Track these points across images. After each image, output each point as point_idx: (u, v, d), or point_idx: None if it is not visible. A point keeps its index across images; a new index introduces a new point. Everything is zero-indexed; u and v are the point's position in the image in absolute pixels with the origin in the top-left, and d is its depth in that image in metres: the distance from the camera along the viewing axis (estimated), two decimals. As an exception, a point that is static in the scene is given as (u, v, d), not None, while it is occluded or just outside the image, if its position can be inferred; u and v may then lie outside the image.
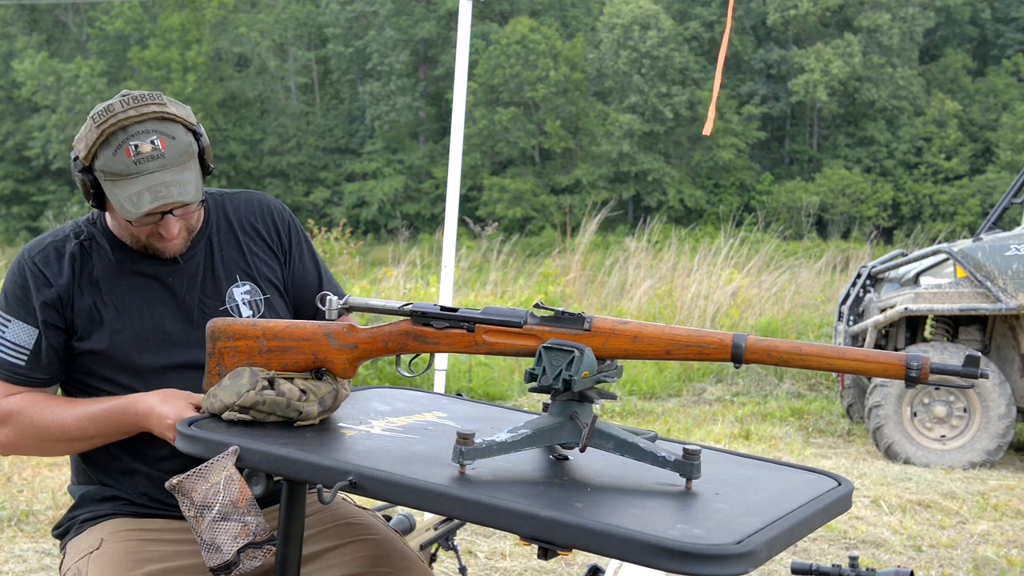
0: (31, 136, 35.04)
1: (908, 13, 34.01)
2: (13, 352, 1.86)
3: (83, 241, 1.92)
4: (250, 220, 2.05)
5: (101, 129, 1.77)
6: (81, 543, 1.85)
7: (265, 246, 2.04)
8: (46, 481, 4.64)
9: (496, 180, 32.97)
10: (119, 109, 1.78)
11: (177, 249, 1.92)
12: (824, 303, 9.92)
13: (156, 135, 1.78)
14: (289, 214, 2.11)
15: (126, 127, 1.77)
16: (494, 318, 1.59)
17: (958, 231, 21.09)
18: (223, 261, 1.98)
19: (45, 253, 1.90)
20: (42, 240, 1.94)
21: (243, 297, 1.98)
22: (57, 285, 1.87)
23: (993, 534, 4.43)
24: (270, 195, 2.15)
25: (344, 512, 1.96)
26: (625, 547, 1.22)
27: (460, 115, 3.98)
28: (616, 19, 34.07)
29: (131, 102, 1.79)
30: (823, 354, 1.44)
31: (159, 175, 1.78)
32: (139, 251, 1.93)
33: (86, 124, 1.80)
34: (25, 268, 1.89)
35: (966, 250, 5.72)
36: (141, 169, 1.77)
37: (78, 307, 1.88)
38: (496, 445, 1.45)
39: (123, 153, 1.76)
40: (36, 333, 1.86)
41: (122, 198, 1.78)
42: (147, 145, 1.77)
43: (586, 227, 9.89)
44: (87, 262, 1.91)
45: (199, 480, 1.50)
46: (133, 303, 1.89)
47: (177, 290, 1.93)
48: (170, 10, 36.72)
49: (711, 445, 5.47)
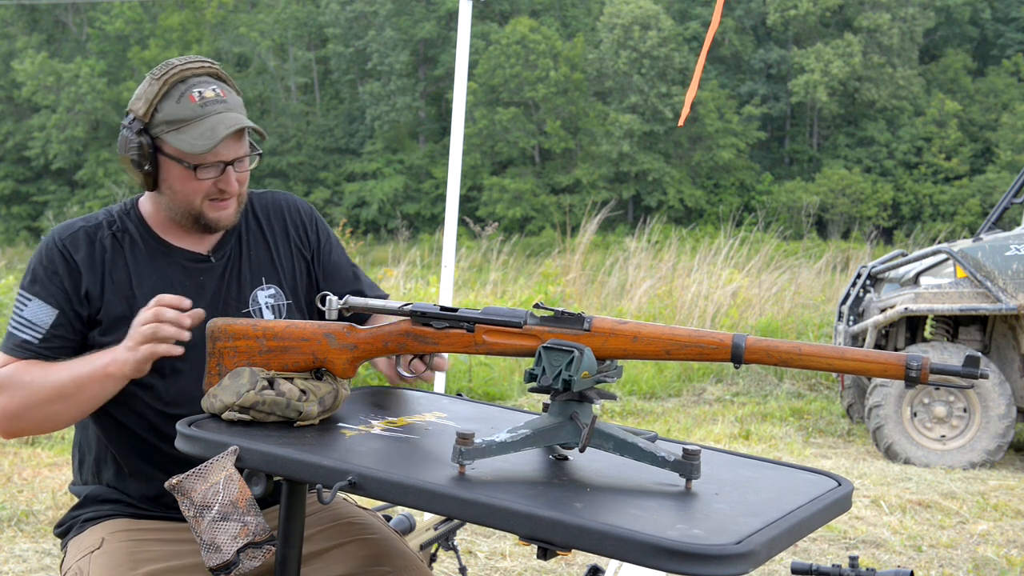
0: (31, 136, 35.06)
1: (908, 13, 34.02)
2: (28, 330, 1.83)
3: (115, 232, 1.89)
4: (277, 219, 2.03)
5: (163, 80, 1.80)
6: (82, 542, 1.84)
7: (291, 246, 2.02)
8: (46, 481, 4.63)
9: (496, 180, 32.98)
10: (177, 64, 1.82)
11: (230, 219, 1.90)
12: (824, 303, 9.92)
13: (216, 85, 1.83)
14: (314, 211, 2.10)
15: (186, 78, 1.81)
16: (494, 318, 1.59)
17: (958, 231, 21.07)
18: (250, 261, 1.96)
19: (76, 238, 1.87)
20: (73, 224, 1.90)
21: (267, 301, 1.95)
22: (86, 275, 1.84)
23: (993, 534, 4.43)
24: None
25: (344, 512, 1.96)
26: (624, 547, 1.22)
27: (460, 115, 3.97)
28: (616, 19, 34.09)
29: (187, 60, 1.83)
30: (823, 354, 1.43)
31: (226, 115, 1.81)
32: (188, 227, 1.89)
33: (142, 84, 1.82)
34: (54, 250, 1.86)
35: (966, 250, 5.72)
36: (208, 111, 1.79)
37: (107, 300, 1.84)
38: (496, 445, 1.44)
39: (187, 99, 1.79)
40: (55, 315, 1.83)
41: (193, 136, 1.78)
42: (210, 92, 1.81)
43: (586, 227, 9.88)
44: (118, 254, 1.88)
45: (198, 480, 1.50)
46: None
47: (205, 288, 1.90)
48: (170, 10, 36.74)
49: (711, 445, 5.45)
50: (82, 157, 34.57)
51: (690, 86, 3.96)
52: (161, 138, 1.81)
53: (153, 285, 1.86)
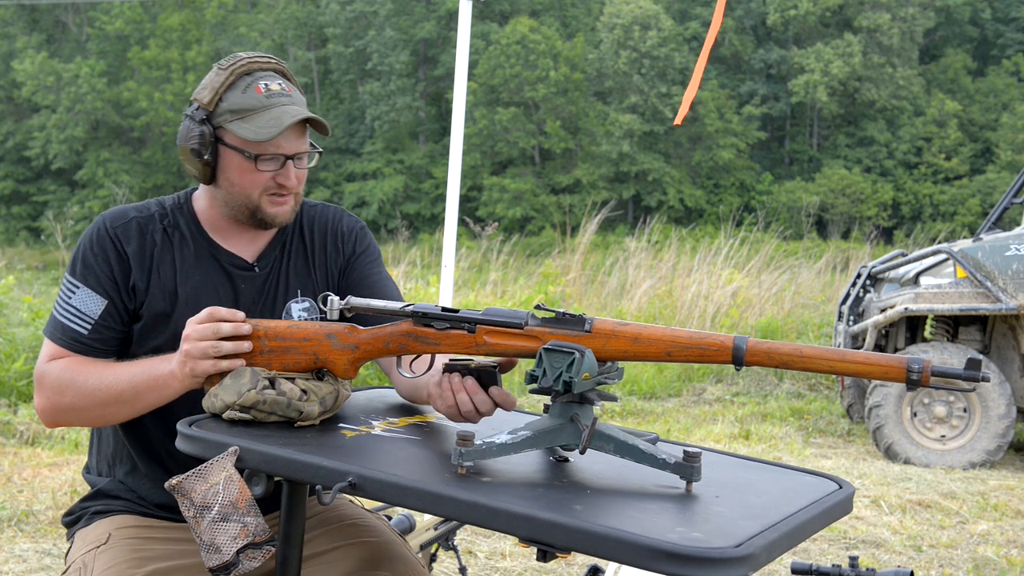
0: (31, 136, 35.04)
1: (908, 13, 34.03)
2: (77, 320, 1.80)
3: (166, 226, 1.88)
4: (320, 232, 2.00)
5: (229, 70, 1.80)
6: (89, 535, 1.84)
7: (327, 260, 1.99)
8: (46, 481, 4.63)
9: (496, 180, 32.98)
10: (245, 56, 1.84)
11: (286, 217, 1.88)
12: (824, 303, 9.92)
13: (282, 81, 1.85)
14: (359, 225, 2.05)
15: (253, 71, 1.82)
16: (495, 319, 1.59)
17: (958, 231, 21.09)
18: (288, 274, 1.94)
19: (128, 228, 1.85)
20: (125, 212, 1.88)
21: (300, 314, 1.93)
22: (135, 268, 1.82)
23: (993, 534, 4.43)
24: (344, 208, 2.09)
25: (348, 513, 1.95)
26: (623, 550, 1.22)
27: (460, 115, 3.97)
28: (616, 19, 34.09)
29: (255, 54, 1.85)
30: (824, 356, 1.42)
31: (290, 107, 1.81)
32: (243, 222, 1.87)
33: (209, 75, 1.83)
34: (105, 238, 1.83)
35: (966, 250, 5.72)
36: (273, 102, 1.80)
37: (151, 295, 1.83)
38: (495, 447, 1.44)
39: (253, 90, 1.80)
40: (104, 304, 1.81)
41: (257, 125, 1.77)
42: (276, 85, 1.82)
43: (586, 227, 9.89)
44: (167, 250, 1.86)
45: (198, 481, 1.50)
46: (205, 303, 1.80)
47: (244, 296, 1.89)
48: (170, 10, 36.73)
49: (712, 446, 5.40)
50: (82, 157, 34.56)
51: (689, 85, 3.96)
52: (224, 127, 1.80)
53: (195, 286, 1.86)
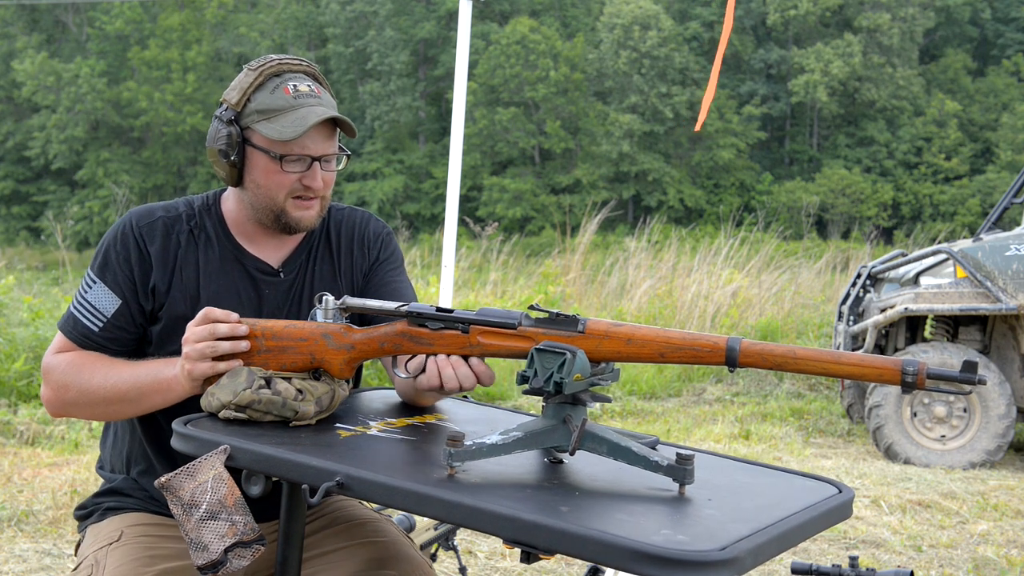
0: (31, 136, 35.03)
1: (908, 13, 34.01)
2: (90, 316, 1.81)
3: (193, 228, 1.87)
4: (347, 237, 1.99)
5: (259, 71, 1.80)
6: (101, 531, 1.84)
7: (353, 265, 1.98)
8: (46, 481, 4.63)
9: (496, 180, 32.98)
10: (275, 58, 1.84)
11: (311, 221, 1.86)
12: (824, 303, 9.91)
13: (312, 83, 1.83)
14: (385, 230, 2.04)
15: (282, 72, 1.82)
16: (488, 319, 1.59)
17: (958, 231, 21.08)
18: (313, 280, 1.93)
19: (153, 228, 1.84)
20: (152, 211, 1.87)
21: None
22: (156, 269, 1.82)
23: (993, 534, 4.42)
24: (370, 211, 2.07)
25: (356, 514, 1.95)
26: (605, 552, 1.21)
27: (460, 115, 3.97)
28: (616, 19, 34.09)
29: (285, 56, 1.85)
30: (818, 358, 1.41)
31: (317, 108, 1.80)
32: (269, 226, 1.86)
33: (239, 76, 1.83)
34: (129, 236, 1.83)
35: (966, 250, 5.71)
36: (300, 103, 1.79)
37: (172, 297, 1.82)
38: (486, 447, 1.43)
39: (281, 91, 1.79)
40: (118, 304, 1.81)
41: (282, 125, 1.76)
42: (304, 86, 1.81)
43: (586, 227, 9.89)
44: (191, 252, 1.85)
45: (187, 478, 1.49)
46: (227, 308, 1.77)
47: (267, 302, 1.88)
48: (170, 10, 36.73)
49: (711, 446, 5.40)
50: (82, 157, 34.56)
51: (707, 90, 3.98)
52: (251, 128, 1.80)
53: (217, 290, 1.85)
